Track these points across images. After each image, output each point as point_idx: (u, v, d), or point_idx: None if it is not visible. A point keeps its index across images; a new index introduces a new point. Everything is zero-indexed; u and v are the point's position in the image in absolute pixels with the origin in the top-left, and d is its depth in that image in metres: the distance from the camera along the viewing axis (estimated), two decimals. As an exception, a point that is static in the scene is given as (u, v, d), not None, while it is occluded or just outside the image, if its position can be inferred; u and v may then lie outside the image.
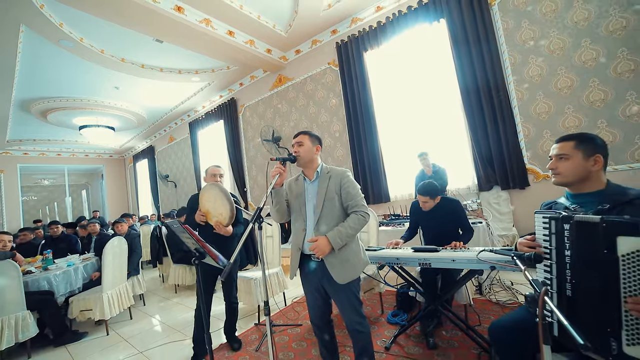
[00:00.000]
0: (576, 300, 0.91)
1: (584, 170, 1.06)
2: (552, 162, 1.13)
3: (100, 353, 2.55)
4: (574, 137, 1.11)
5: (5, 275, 2.44)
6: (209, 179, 2.37)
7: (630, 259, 0.79)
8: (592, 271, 0.87)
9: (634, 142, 2.86)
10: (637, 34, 2.79)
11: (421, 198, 2.23)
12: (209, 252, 1.37)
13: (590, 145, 1.06)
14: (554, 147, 1.15)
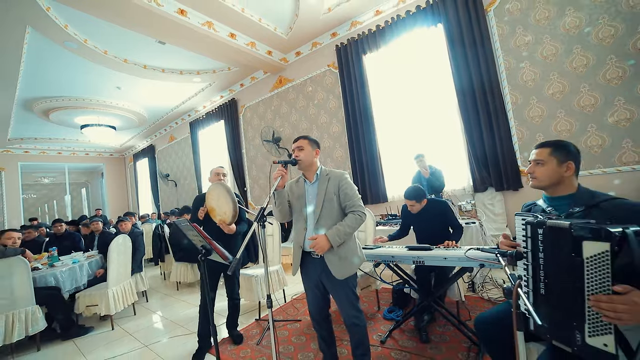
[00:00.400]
0: (548, 297, 1.01)
1: (557, 176, 1.16)
2: (530, 167, 1.24)
3: (107, 347, 2.64)
4: (550, 144, 1.21)
5: (16, 271, 2.53)
6: (213, 178, 2.49)
7: (593, 261, 0.87)
8: (562, 272, 0.97)
9: (621, 147, 2.97)
10: (625, 41, 2.90)
11: (408, 202, 2.34)
12: (216, 249, 1.47)
13: (564, 152, 1.17)
14: (533, 152, 1.25)
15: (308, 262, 1.74)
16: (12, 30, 3.93)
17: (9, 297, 2.49)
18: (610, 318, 0.82)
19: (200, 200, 2.47)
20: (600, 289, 0.86)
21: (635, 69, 2.87)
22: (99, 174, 13.81)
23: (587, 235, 0.88)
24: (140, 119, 8.13)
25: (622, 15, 2.90)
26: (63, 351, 2.63)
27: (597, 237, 0.87)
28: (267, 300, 1.39)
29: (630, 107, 2.91)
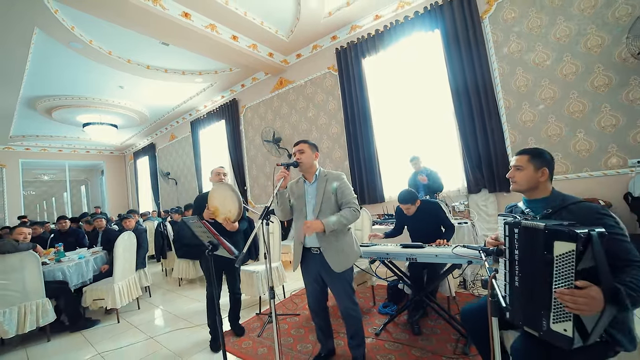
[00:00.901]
0: (522, 290, 1.13)
1: (534, 180, 1.28)
2: (511, 172, 1.36)
3: (113, 338, 2.76)
4: (528, 152, 1.34)
5: (27, 265, 2.64)
6: (214, 178, 2.58)
7: (561, 259, 0.99)
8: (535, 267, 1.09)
9: (607, 151, 3.11)
10: (611, 51, 3.03)
11: (403, 206, 2.46)
12: (223, 244, 1.58)
13: (539, 159, 1.29)
14: (513, 158, 1.38)
15: (308, 258, 1.86)
16: (21, 31, 4.02)
17: (21, 290, 2.60)
18: (571, 309, 0.94)
19: (202, 199, 2.54)
20: (565, 284, 0.98)
21: (621, 78, 3.00)
22: (98, 172, 13.88)
23: (558, 236, 1.00)
24: (142, 118, 8.22)
25: (608, 26, 3.03)
26: (72, 342, 2.75)
27: (565, 237, 0.98)
28: (269, 292, 1.51)
29: (615, 114, 3.05)
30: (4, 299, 2.51)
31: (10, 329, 2.48)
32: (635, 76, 2.93)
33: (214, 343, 2.38)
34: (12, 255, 2.58)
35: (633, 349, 1.04)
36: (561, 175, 3.41)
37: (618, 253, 1.05)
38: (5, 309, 2.50)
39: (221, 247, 1.66)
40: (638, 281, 0.96)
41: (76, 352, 2.54)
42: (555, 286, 1.00)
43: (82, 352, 2.51)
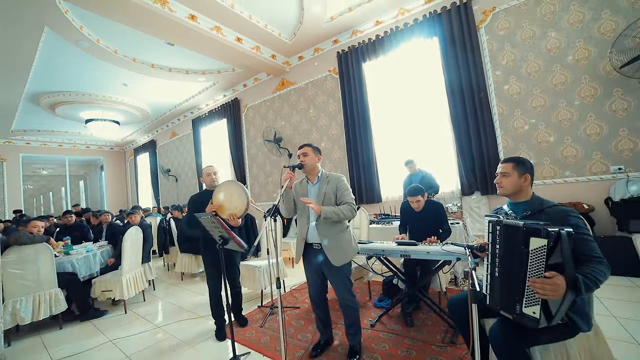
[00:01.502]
0: (501, 280, 1.30)
1: (518, 186, 1.45)
2: (498, 178, 1.52)
3: (122, 327, 2.90)
4: (513, 160, 1.50)
5: (41, 256, 2.77)
6: (205, 179, 2.66)
7: (535, 253, 1.15)
8: (512, 260, 1.25)
9: (591, 158, 3.30)
10: (597, 64, 3.22)
11: (413, 199, 2.62)
12: (234, 239, 1.73)
13: (523, 167, 1.46)
14: (500, 166, 1.54)
15: (310, 253, 2.02)
16: (31, 30, 4.12)
17: (35, 280, 2.73)
18: (540, 294, 1.11)
19: (198, 199, 2.58)
20: (537, 274, 1.15)
21: (605, 90, 3.19)
22: (97, 167, 13.92)
23: (534, 232, 1.16)
24: (144, 115, 8.32)
25: (594, 40, 3.22)
26: (83, 330, 2.88)
27: (539, 234, 1.14)
28: (276, 282, 1.67)
29: (600, 123, 3.24)
30: (21, 288, 2.64)
31: (26, 316, 2.61)
32: (618, 88, 3.12)
33: (219, 332, 2.53)
34: (28, 247, 2.71)
35: (588, 329, 1.22)
36: (549, 180, 3.60)
37: (583, 249, 1.22)
38: (21, 297, 2.63)
39: (231, 241, 1.81)
40: (593, 272, 1.13)
41: (89, 339, 2.68)
42: (529, 276, 1.17)
43: (95, 339, 2.65)
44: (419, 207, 2.63)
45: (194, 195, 2.70)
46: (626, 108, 3.13)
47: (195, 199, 2.63)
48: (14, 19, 3.83)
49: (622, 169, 3.17)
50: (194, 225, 2.44)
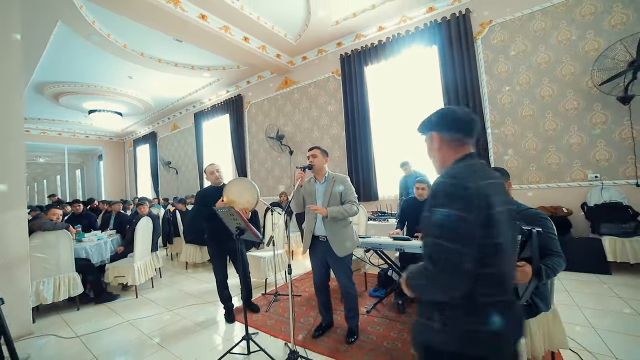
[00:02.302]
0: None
1: None
2: None
3: (135, 310, 3.11)
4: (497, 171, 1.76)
5: (62, 242, 2.96)
6: (209, 177, 2.86)
7: None
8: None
9: (572, 166, 3.60)
10: (580, 79, 3.50)
11: (420, 185, 2.88)
12: (251, 230, 1.96)
13: (505, 175, 1.72)
14: None
15: (316, 244, 2.27)
16: (44, 24, 4.24)
17: (56, 264, 2.92)
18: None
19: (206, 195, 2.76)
20: None
21: (586, 104, 3.47)
22: (95, 156, 13.92)
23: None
24: (146, 107, 8.41)
25: (579, 57, 3.49)
26: (99, 311, 3.09)
27: (515, 231, 1.40)
28: (287, 268, 1.91)
29: (581, 134, 3.53)
30: (43, 271, 2.83)
31: (48, 297, 2.82)
32: (598, 103, 3.41)
33: (228, 315, 2.77)
34: (50, 233, 2.90)
35: (547, 310, 1.50)
36: (534, 185, 3.89)
37: (548, 245, 1.48)
38: (44, 279, 2.83)
39: (247, 232, 2.04)
40: (553, 264, 1.40)
41: (106, 319, 2.89)
42: None
43: (112, 320, 2.86)
44: (422, 196, 2.87)
45: (201, 190, 2.91)
46: (604, 122, 3.43)
47: (203, 195, 2.83)
48: (29, 13, 3.94)
49: (598, 177, 3.48)
50: (200, 218, 2.67)
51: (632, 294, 2.66)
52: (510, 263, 0.92)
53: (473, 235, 0.79)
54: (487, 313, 0.83)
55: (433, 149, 1.05)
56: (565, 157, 3.66)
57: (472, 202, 0.80)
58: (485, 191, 0.82)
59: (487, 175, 0.89)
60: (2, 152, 2.48)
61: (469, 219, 0.79)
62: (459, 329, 0.84)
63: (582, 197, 3.50)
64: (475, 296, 0.82)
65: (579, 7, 3.56)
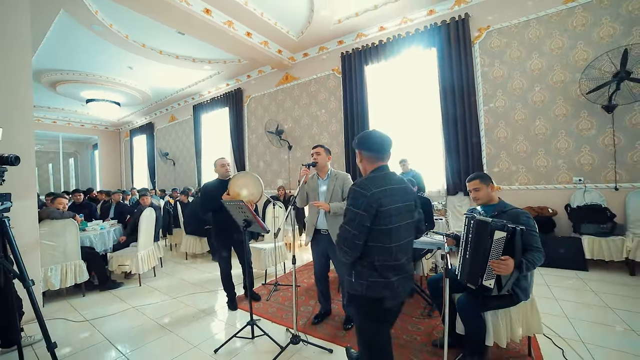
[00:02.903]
0: (470, 260, 1.72)
1: (489, 195, 1.87)
2: (473, 194, 1.93)
3: (140, 298, 3.23)
4: (476, 177, 1.92)
5: (68, 230, 3.05)
6: (219, 169, 2.97)
7: (497, 242, 1.57)
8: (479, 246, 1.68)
9: (559, 169, 3.80)
10: (569, 87, 3.68)
11: None
12: (259, 222, 2.10)
13: (485, 179, 1.88)
14: (470, 184, 1.94)
15: (318, 237, 2.41)
16: (47, 12, 4.23)
17: (63, 252, 3.01)
18: (496, 271, 1.54)
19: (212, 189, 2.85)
20: (496, 257, 1.57)
21: (574, 111, 3.67)
22: (90, 145, 13.77)
23: (498, 227, 1.57)
24: (144, 97, 8.38)
25: (569, 66, 3.67)
26: (105, 298, 3.20)
27: (501, 229, 1.56)
28: (292, 259, 2.06)
29: (568, 139, 3.73)
30: (51, 258, 2.92)
31: (55, 283, 2.91)
32: (585, 110, 3.60)
33: (231, 303, 2.91)
34: (58, 222, 2.98)
35: (526, 299, 1.68)
36: (523, 186, 4.10)
37: (529, 241, 1.65)
38: (52, 266, 2.92)
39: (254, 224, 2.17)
40: (533, 258, 1.58)
41: (113, 305, 3.01)
42: (490, 258, 1.59)
43: (117, 306, 2.98)
44: None
45: (207, 184, 2.98)
46: (589, 128, 3.63)
47: (210, 187, 2.92)
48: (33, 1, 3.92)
49: (581, 180, 3.69)
50: (207, 210, 2.78)
51: (605, 288, 2.90)
52: (401, 240, 1.30)
53: (364, 225, 1.23)
54: (382, 271, 1.27)
55: (358, 161, 1.44)
56: (553, 161, 3.86)
57: (367, 204, 1.22)
58: (377, 196, 1.23)
59: (384, 184, 1.28)
60: (14, 140, 2.53)
61: (363, 215, 1.22)
62: (364, 280, 1.28)
63: (567, 198, 3.72)
64: (374, 260, 1.27)
65: (571, 17, 3.72)
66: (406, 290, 1.34)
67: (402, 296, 1.33)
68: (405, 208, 1.32)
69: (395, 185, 1.31)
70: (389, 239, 1.26)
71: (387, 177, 1.33)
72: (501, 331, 1.67)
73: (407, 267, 1.35)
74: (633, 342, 1.99)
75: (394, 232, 1.26)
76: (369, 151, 1.36)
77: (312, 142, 6.26)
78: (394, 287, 1.27)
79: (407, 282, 1.35)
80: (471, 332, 1.69)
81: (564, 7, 3.77)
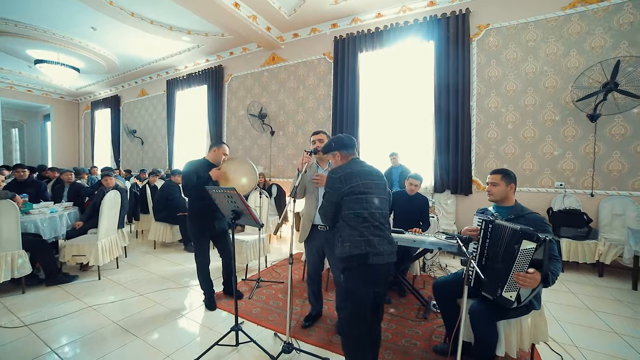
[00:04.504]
0: (485, 266, 1.61)
1: (505, 193, 1.76)
2: (488, 187, 1.81)
3: (98, 294, 2.79)
4: (500, 172, 1.80)
5: (4, 214, 2.50)
6: (217, 153, 2.57)
7: (524, 252, 1.44)
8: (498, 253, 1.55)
9: (543, 173, 3.90)
10: (559, 94, 3.75)
11: (414, 182, 2.93)
12: (252, 215, 1.81)
13: (508, 177, 1.76)
14: (490, 177, 1.82)
15: (315, 233, 2.18)
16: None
17: (-3, 239, 2.48)
18: (521, 285, 1.41)
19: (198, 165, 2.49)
20: (521, 268, 1.44)
21: (562, 117, 3.75)
22: (40, 116, 12.14)
23: (527, 236, 1.44)
24: (110, 66, 7.42)
25: (561, 73, 3.73)
26: (52, 295, 2.71)
27: (531, 238, 1.42)
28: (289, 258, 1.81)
29: (553, 144, 3.82)
30: (-20, 247, 2.39)
31: (-14, 277, 2.39)
32: (571, 117, 3.70)
33: (209, 303, 2.60)
34: (-9, 202, 2.43)
35: (539, 308, 1.61)
36: (507, 187, 4.16)
37: (550, 250, 1.56)
38: (-19, 257, 2.39)
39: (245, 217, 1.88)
40: (556, 269, 1.48)
41: (63, 304, 2.54)
42: (514, 269, 1.46)
43: (70, 305, 2.53)
44: (413, 191, 2.94)
45: (196, 162, 2.55)
46: (574, 135, 3.74)
47: (200, 167, 2.51)
48: None
49: (562, 185, 3.82)
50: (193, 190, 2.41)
51: (581, 289, 3.03)
52: (374, 209, 1.57)
53: (336, 200, 1.60)
54: (361, 230, 1.51)
55: (336, 161, 1.76)
56: (538, 165, 3.95)
57: (338, 183, 1.58)
58: (345, 177, 1.58)
59: (349, 168, 1.62)
60: None
61: (335, 193, 1.60)
62: (348, 242, 1.52)
63: (548, 202, 3.84)
64: (353, 225, 1.53)
65: (568, 24, 3.76)
66: (388, 251, 1.53)
67: (385, 257, 1.51)
68: (374, 185, 1.61)
69: (363, 168, 1.66)
70: (362, 206, 1.54)
71: (358, 163, 1.69)
72: (513, 341, 1.58)
73: (386, 233, 1.58)
74: (619, 345, 2.04)
75: (364, 201, 1.54)
76: (345, 149, 1.73)
77: (297, 129, 5.94)
78: (375, 244, 1.49)
79: (388, 245, 1.55)
80: (482, 342, 1.59)
81: (562, 13, 3.79)
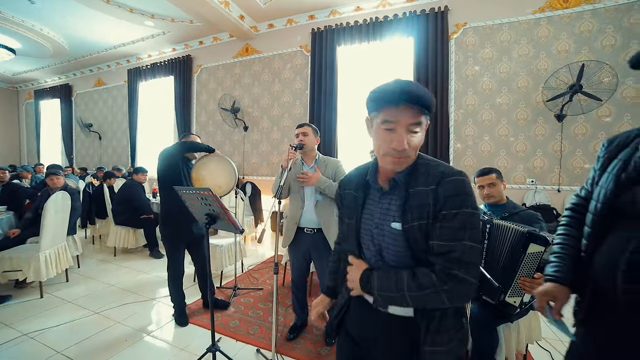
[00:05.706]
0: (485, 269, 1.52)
1: (502, 192, 1.70)
2: (487, 189, 1.73)
3: (39, 316, 2.35)
4: (494, 171, 1.74)
5: None
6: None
7: (530, 256, 1.36)
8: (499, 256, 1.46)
9: (516, 169, 4.05)
10: (531, 94, 3.90)
11: None
12: (230, 219, 1.57)
13: (500, 175, 1.71)
14: (485, 178, 1.75)
15: (300, 237, 1.99)
16: None
17: None
18: (527, 291, 1.35)
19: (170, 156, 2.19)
20: (527, 273, 1.36)
21: (533, 116, 3.91)
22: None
23: (535, 240, 1.34)
24: (58, 50, 6.55)
25: (532, 74, 3.88)
26: (-20, 319, 2.25)
27: (540, 242, 1.34)
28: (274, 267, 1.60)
29: (526, 143, 3.97)
30: None
31: None
32: (541, 117, 3.86)
33: (180, 317, 2.30)
34: None
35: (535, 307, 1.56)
36: (483, 184, 4.27)
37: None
38: None
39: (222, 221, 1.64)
40: None
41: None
42: (519, 274, 1.38)
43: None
44: None
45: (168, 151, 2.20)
46: (544, 134, 3.91)
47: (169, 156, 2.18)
48: None
49: (533, 181, 3.99)
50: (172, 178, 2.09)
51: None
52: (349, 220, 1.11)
53: None
54: None
55: None
56: (512, 162, 4.09)
57: None
58: None
59: None
60: None
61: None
62: None
63: (521, 198, 3.98)
64: None
65: (537, 28, 3.91)
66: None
67: None
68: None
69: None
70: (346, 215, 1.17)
71: None
72: (512, 344, 1.53)
73: None
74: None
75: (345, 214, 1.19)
76: None
77: (272, 124, 5.67)
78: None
79: None
80: (482, 348, 1.50)
81: (533, 17, 3.93)
